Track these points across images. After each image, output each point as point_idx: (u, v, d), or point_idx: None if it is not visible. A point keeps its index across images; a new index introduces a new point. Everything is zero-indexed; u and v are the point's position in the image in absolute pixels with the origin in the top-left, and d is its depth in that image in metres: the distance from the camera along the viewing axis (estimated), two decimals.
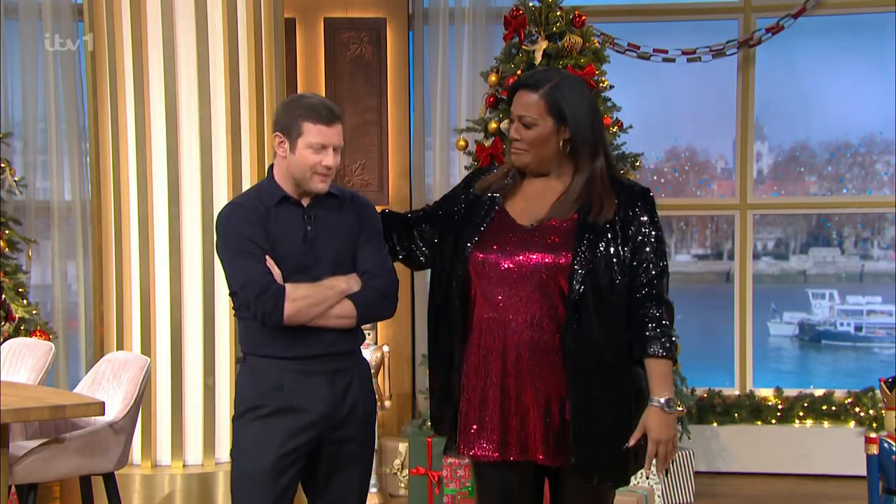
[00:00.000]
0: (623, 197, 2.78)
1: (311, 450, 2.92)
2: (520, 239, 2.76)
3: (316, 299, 2.84)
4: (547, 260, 2.71)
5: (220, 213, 2.97)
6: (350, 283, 2.90)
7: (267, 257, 2.84)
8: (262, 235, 2.86)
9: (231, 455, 2.96)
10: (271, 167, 2.98)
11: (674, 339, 2.73)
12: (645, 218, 2.76)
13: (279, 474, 2.87)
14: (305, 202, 2.93)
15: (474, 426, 2.78)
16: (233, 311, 3.14)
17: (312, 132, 2.86)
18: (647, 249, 2.74)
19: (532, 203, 2.81)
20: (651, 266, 2.73)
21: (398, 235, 3.02)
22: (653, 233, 2.76)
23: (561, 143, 2.77)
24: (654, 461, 2.71)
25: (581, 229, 2.72)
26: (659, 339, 2.70)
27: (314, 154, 2.86)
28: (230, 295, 2.97)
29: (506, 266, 2.74)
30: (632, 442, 2.70)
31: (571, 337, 2.68)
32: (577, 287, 2.67)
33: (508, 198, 2.84)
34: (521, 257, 2.74)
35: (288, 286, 2.83)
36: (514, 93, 2.81)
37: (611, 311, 2.70)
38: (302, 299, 2.82)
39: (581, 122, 2.76)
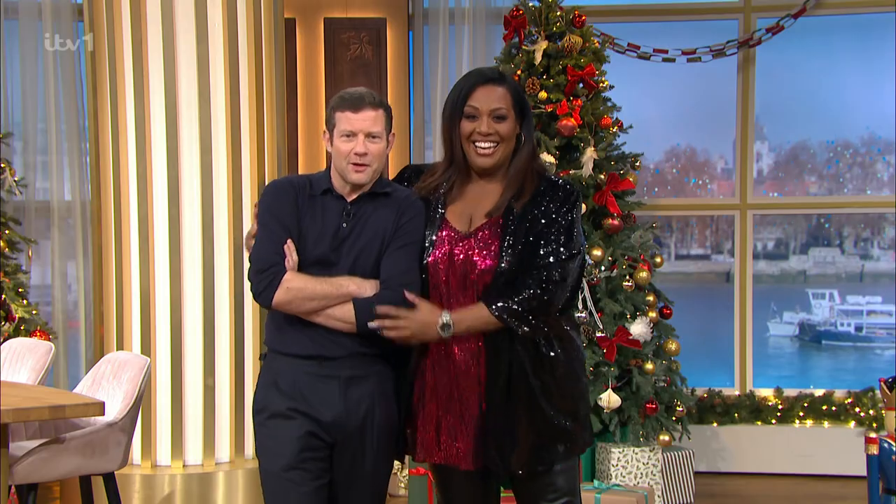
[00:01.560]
0: (544, 187, 2.81)
1: (326, 456, 2.88)
2: (460, 244, 2.80)
3: (312, 294, 2.80)
4: (476, 261, 2.76)
5: (270, 181, 3.03)
6: (363, 286, 2.84)
7: (289, 241, 2.83)
8: (288, 215, 2.86)
9: (256, 451, 2.98)
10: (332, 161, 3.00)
11: (521, 311, 2.72)
12: (557, 205, 2.78)
13: (299, 476, 2.83)
14: (352, 197, 2.91)
15: (442, 434, 2.83)
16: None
17: (342, 120, 2.87)
18: (552, 234, 2.76)
19: (468, 206, 2.84)
20: (549, 250, 2.75)
21: None
22: (559, 219, 2.77)
23: (519, 139, 2.83)
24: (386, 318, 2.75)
25: (505, 226, 2.77)
26: (507, 307, 2.72)
27: (346, 142, 2.86)
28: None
29: (444, 272, 2.79)
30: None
31: (489, 340, 2.77)
32: (492, 287, 2.74)
33: (449, 203, 2.86)
34: (457, 262, 2.78)
35: (288, 272, 2.81)
36: (472, 89, 2.81)
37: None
38: (297, 290, 2.79)
39: (531, 116, 2.84)
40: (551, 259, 2.74)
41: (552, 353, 2.79)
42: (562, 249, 2.75)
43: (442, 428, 2.83)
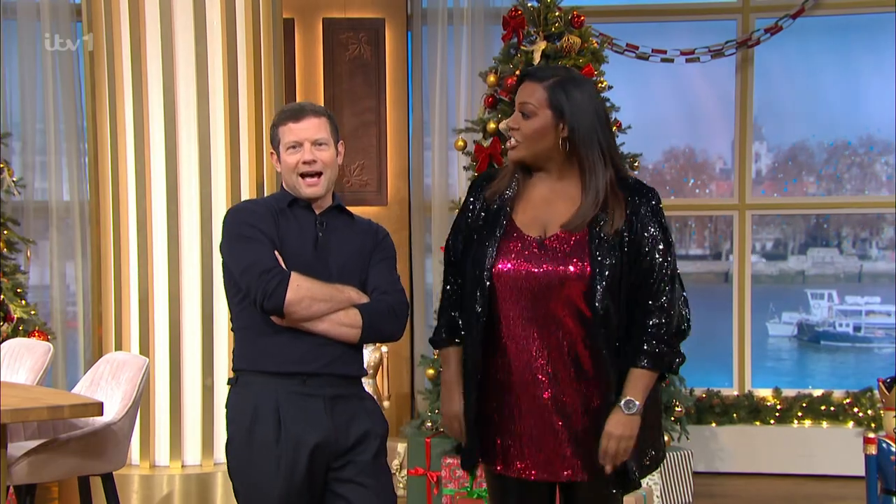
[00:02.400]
0: (631, 202, 2.71)
1: (319, 480, 2.73)
2: (530, 252, 2.69)
3: (322, 295, 2.67)
4: (560, 270, 2.65)
5: (227, 211, 2.86)
6: (361, 295, 2.76)
7: (276, 252, 2.70)
8: (270, 228, 2.73)
9: (233, 480, 2.77)
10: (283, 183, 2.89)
11: (668, 349, 2.65)
12: (653, 225, 2.70)
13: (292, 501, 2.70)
14: (320, 210, 2.82)
15: (509, 442, 2.72)
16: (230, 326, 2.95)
17: (285, 133, 2.79)
18: (657, 256, 2.68)
19: (540, 211, 2.73)
20: (657, 274, 2.67)
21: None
22: (660, 237, 2.70)
23: (560, 141, 2.70)
24: (604, 455, 2.66)
25: (592, 240, 2.65)
26: (651, 352, 2.65)
27: (292, 154, 2.78)
28: (228, 302, 2.82)
29: (517, 279, 2.67)
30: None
31: (587, 349, 2.65)
32: (598, 298, 2.61)
33: (516, 204, 2.76)
34: (531, 270, 2.67)
35: (294, 273, 2.67)
36: (520, 83, 2.76)
37: (619, 319, 2.65)
38: (307, 289, 2.65)
39: (581, 121, 2.69)
40: (662, 278, 2.67)
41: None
42: (662, 265, 2.67)
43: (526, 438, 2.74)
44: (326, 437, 2.70)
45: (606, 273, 2.62)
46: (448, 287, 2.83)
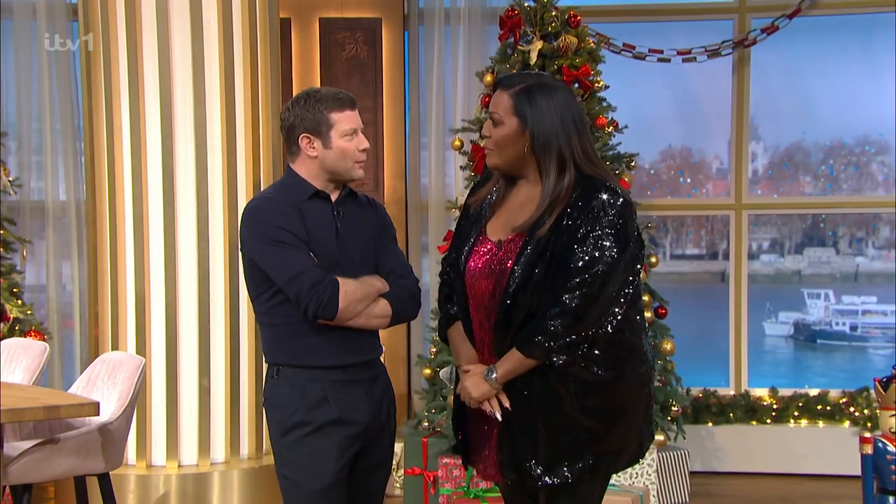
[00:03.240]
0: (574, 199, 2.65)
1: (355, 458, 2.92)
2: (490, 256, 2.74)
3: (362, 294, 2.82)
4: (498, 271, 2.70)
5: (249, 207, 2.90)
6: (384, 282, 2.90)
7: (311, 255, 2.80)
8: (301, 229, 2.81)
9: (282, 474, 2.89)
10: (289, 167, 2.92)
11: (542, 341, 2.60)
12: (588, 224, 2.61)
13: (339, 487, 2.86)
14: (334, 198, 2.92)
15: (484, 448, 2.78)
16: (255, 317, 3.05)
17: (343, 120, 2.86)
18: (581, 254, 2.61)
19: (512, 216, 2.77)
20: (574, 270, 2.60)
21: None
22: (592, 236, 2.61)
23: (526, 148, 2.71)
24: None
25: (526, 243, 2.67)
26: (527, 335, 2.62)
27: (349, 141, 2.87)
28: (255, 297, 2.90)
29: (474, 279, 2.74)
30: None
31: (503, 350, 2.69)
32: (507, 301, 2.65)
33: (495, 209, 2.81)
34: (483, 271, 2.73)
35: (341, 280, 2.78)
36: (494, 91, 2.81)
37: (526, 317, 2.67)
38: (352, 294, 2.80)
39: (542, 128, 2.67)
40: (581, 269, 2.60)
41: (600, 373, 2.65)
42: (587, 257, 2.60)
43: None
44: (370, 420, 2.90)
45: (520, 272, 2.64)
46: (441, 283, 2.90)
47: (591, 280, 2.59)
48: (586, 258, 2.60)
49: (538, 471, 2.67)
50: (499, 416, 2.68)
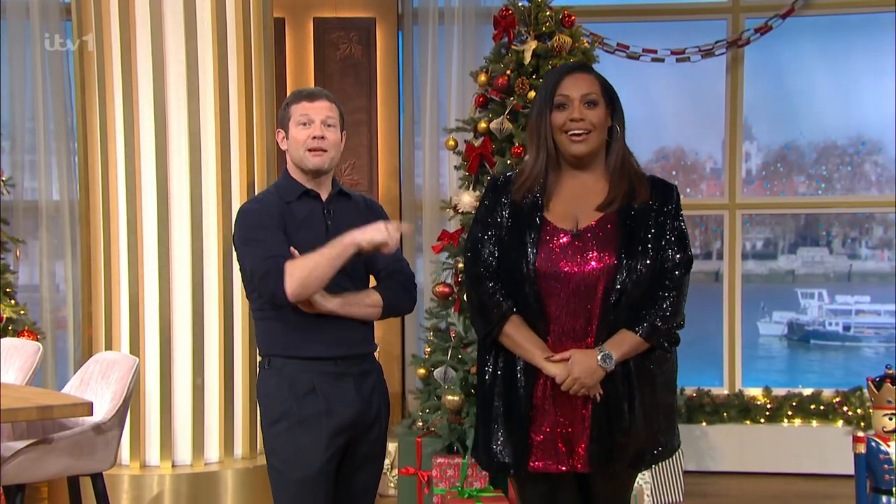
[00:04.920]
0: (655, 188, 2.82)
1: (342, 453, 2.96)
2: (564, 247, 2.72)
3: (312, 263, 2.80)
4: (593, 265, 2.70)
5: (239, 209, 3.02)
6: (364, 232, 2.83)
7: (291, 248, 2.85)
8: (276, 226, 2.88)
9: (270, 463, 2.95)
10: (284, 168, 3.05)
11: (665, 329, 2.75)
12: (671, 208, 2.81)
13: (326, 478, 2.89)
14: (324, 196, 2.99)
15: (538, 438, 2.75)
16: (250, 313, 3.15)
17: (297, 111, 2.96)
18: (672, 239, 2.78)
19: (571, 205, 2.77)
20: (672, 256, 2.76)
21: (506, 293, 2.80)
22: (677, 224, 2.81)
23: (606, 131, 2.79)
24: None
25: (623, 224, 2.74)
26: (652, 323, 2.72)
27: (302, 130, 2.94)
28: (249, 293, 2.99)
29: (556, 275, 2.70)
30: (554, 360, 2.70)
31: (606, 336, 2.72)
32: (617, 287, 2.69)
33: (546, 202, 2.78)
34: (567, 266, 2.71)
35: (287, 263, 2.81)
36: (561, 79, 2.78)
37: (635, 302, 2.72)
38: (299, 271, 2.79)
39: (621, 108, 2.81)
40: (677, 266, 2.77)
41: (652, 366, 2.78)
42: (680, 256, 2.77)
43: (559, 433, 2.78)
44: (358, 413, 2.93)
45: (625, 257, 2.71)
46: (480, 282, 2.79)
47: (687, 264, 2.78)
48: (682, 243, 2.79)
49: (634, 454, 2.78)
50: (598, 397, 2.71)
